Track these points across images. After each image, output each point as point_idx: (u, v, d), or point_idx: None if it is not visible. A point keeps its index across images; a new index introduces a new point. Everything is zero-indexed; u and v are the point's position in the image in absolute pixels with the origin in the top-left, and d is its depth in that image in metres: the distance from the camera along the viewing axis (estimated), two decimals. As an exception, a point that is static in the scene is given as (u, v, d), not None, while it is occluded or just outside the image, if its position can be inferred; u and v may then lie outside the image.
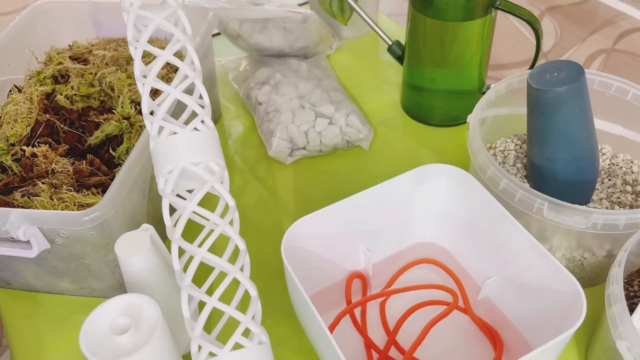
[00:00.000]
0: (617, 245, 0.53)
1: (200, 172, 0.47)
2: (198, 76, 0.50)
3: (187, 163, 0.47)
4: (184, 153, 0.47)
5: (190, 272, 0.45)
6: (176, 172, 0.47)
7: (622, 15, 2.03)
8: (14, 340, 0.59)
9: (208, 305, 0.44)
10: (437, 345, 0.55)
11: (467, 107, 0.70)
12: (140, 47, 0.49)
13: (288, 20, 0.79)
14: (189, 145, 0.47)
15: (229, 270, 0.45)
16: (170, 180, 0.47)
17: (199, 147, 0.47)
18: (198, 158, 0.47)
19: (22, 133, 0.61)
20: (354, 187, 0.57)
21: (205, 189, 0.47)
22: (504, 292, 0.56)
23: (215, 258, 0.45)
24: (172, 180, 0.47)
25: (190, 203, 0.46)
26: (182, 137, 0.47)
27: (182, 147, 0.47)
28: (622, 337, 0.44)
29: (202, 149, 0.47)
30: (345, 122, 0.75)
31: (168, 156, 0.47)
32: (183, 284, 0.45)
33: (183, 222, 0.46)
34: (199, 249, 0.45)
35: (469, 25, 0.70)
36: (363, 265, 0.60)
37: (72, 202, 0.55)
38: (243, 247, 0.47)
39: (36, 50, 0.74)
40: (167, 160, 0.47)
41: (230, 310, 0.44)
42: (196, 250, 0.45)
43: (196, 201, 0.46)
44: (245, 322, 0.44)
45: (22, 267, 0.57)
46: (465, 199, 0.58)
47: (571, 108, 0.54)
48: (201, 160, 0.47)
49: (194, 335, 0.44)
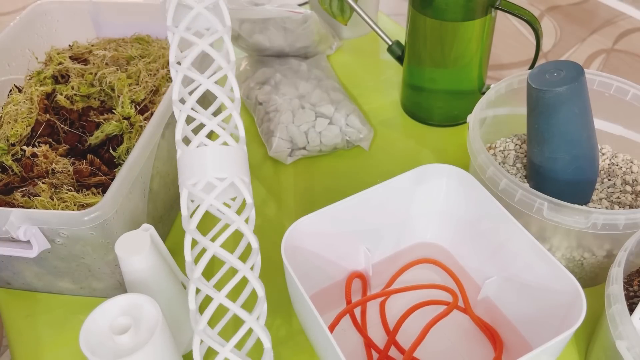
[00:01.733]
0: (617, 245, 0.53)
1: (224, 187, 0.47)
2: (232, 69, 0.50)
3: (213, 178, 0.47)
4: (211, 167, 0.47)
5: (201, 265, 0.45)
6: (200, 185, 0.47)
7: (622, 15, 2.03)
8: (14, 340, 0.59)
9: (215, 301, 0.44)
10: (437, 345, 0.55)
11: (467, 107, 0.70)
12: (178, 33, 0.49)
13: (288, 20, 0.79)
14: (216, 159, 0.47)
15: (240, 268, 0.45)
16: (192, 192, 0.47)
17: (226, 162, 0.47)
18: (224, 174, 0.47)
19: (22, 133, 0.61)
20: (354, 187, 0.57)
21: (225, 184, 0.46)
22: (503, 292, 0.56)
23: (227, 254, 0.45)
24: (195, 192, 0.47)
25: (209, 196, 0.46)
26: (211, 150, 0.47)
27: (210, 160, 0.47)
28: (622, 337, 0.44)
29: (229, 164, 0.47)
30: (345, 122, 0.75)
31: (195, 168, 0.47)
32: (193, 276, 0.45)
33: (200, 213, 0.46)
34: (213, 243, 0.45)
35: (469, 25, 0.70)
36: (363, 265, 0.60)
37: (73, 202, 0.55)
38: (256, 245, 0.47)
39: (36, 50, 0.74)
40: (194, 172, 0.47)
41: (236, 309, 0.44)
42: (209, 244, 0.45)
43: (215, 194, 0.46)
44: (249, 322, 0.44)
45: (22, 267, 0.57)
46: (465, 199, 0.58)
47: (571, 108, 0.54)
48: (227, 176, 0.47)
49: (198, 329, 0.43)
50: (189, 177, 0.47)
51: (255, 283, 0.46)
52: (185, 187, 0.47)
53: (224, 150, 0.48)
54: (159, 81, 0.67)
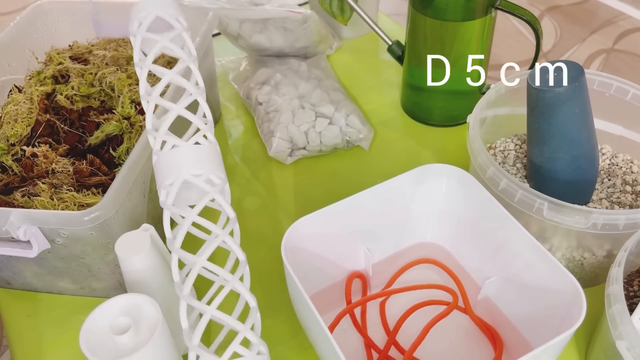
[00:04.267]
0: (617, 245, 0.53)
1: (201, 184, 0.47)
2: (201, 94, 0.51)
3: (189, 175, 0.47)
4: (185, 165, 0.47)
5: (189, 282, 0.45)
6: (177, 184, 0.47)
7: (622, 15, 2.03)
8: (14, 340, 0.59)
9: (206, 315, 0.44)
10: (437, 345, 0.55)
11: (467, 107, 0.70)
12: (145, 67, 0.51)
13: (288, 20, 0.79)
14: (190, 157, 0.47)
15: (228, 280, 0.45)
16: (171, 192, 0.47)
17: (200, 159, 0.48)
18: (199, 170, 0.47)
19: (22, 133, 0.61)
20: (354, 187, 0.57)
21: (206, 200, 0.47)
22: (504, 292, 0.56)
23: (215, 267, 0.45)
24: (173, 192, 0.47)
25: (191, 213, 0.46)
26: (184, 150, 0.48)
27: (184, 159, 0.47)
28: (622, 337, 0.44)
29: (203, 161, 0.48)
30: (345, 122, 0.75)
31: (170, 168, 0.47)
32: (182, 294, 0.45)
33: (183, 232, 0.46)
34: (198, 258, 0.45)
35: (469, 25, 0.70)
36: (363, 265, 0.60)
37: (73, 202, 0.55)
38: (243, 258, 0.47)
39: (36, 50, 0.74)
40: (169, 172, 0.47)
41: (228, 320, 0.44)
42: (195, 260, 0.45)
43: (196, 212, 0.46)
44: (243, 332, 0.44)
45: (22, 267, 0.57)
46: (465, 199, 0.58)
47: (571, 108, 0.54)
48: (202, 172, 0.47)
49: (192, 345, 0.43)
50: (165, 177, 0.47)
51: (245, 293, 0.46)
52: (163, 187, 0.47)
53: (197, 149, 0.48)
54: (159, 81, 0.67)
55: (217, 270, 0.45)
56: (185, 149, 0.48)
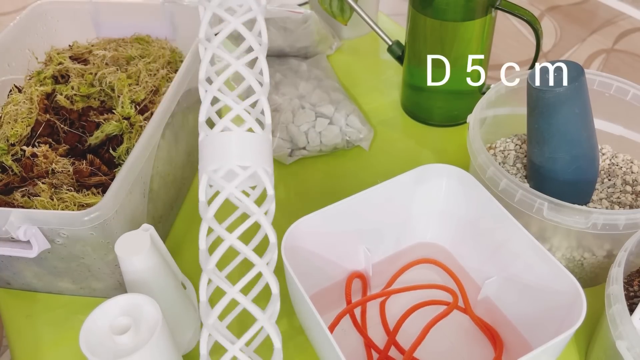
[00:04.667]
0: (617, 245, 0.53)
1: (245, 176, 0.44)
2: (263, 51, 0.47)
3: (235, 166, 0.44)
4: (235, 154, 0.44)
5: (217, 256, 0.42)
6: (222, 172, 0.44)
7: (622, 15, 2.03)
8: (14, 340, 0.59)
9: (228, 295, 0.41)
10: (437, 345, 0.55)
11: (467, 107, 0.70)
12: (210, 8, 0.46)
13: (288, 20, 0.79)
14: (242, 146, 0.44)
15: (257, 263, 0.43)
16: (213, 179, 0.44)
17: (251, 150, 0.45)
18: (247, 162, 0.44)
19: (22, 133, 0.61)
20: (354, 187, 0.57)
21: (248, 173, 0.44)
22: (504, 292, 0.56)
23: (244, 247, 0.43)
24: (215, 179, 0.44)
25: (230, 184, 0.43)
26: (236, 136, 0.44)
27: (235, 147, 0.44)
28: (622, 337, 0.44)
29: (254, 152, 0.45)
30: (345, 122, 0.75)
31: (217, 154, 0.44)
32: (206, 267, 0.42)
33: (219, 202, 0.43)
34: (230, 234, 0.42)
35: (469, 25, 0.70)
36: (363, 265, 0.60)
37: (72, 202, 0.55)
38: (274, 240, 0.45)
39: (36, 50, 0.74)
40: (215, 157, 0.44)
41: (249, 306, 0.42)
42: (227, 235, 0.43)
43: (236, 183, 0.44)
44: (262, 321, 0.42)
45: (22, 267, 0.57)
46: (465, 199, 0.58)
47: (571, 108, 0.54)
48: (250, 165, 0.44)
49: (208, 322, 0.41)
50: (210, 162, 0.44)
51: (270, 279, 0.43)
52: (205, 172, 0.44)
53: (249, 137, 0.45)
54: (159, 81, 0.67)
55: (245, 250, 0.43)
56: (238, 135, 0.44)
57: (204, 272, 0.43)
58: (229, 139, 0.44)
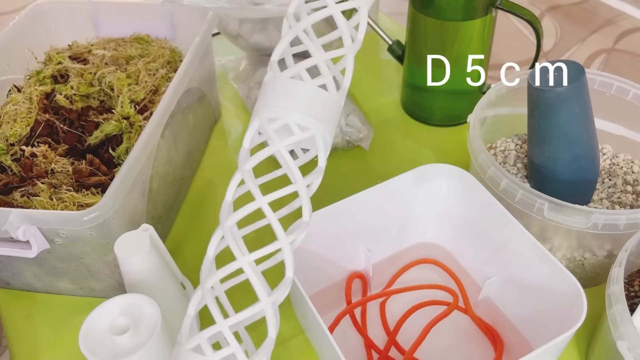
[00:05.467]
0: (618, 245, 0.53)
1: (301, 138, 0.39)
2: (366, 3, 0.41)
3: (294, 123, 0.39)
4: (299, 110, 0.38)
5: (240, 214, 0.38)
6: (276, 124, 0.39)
7: (622, 15, 2.03)
8: (14, 340, 0.59)
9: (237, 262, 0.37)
10: (437, 345, 0.55)
11: (467, 107, 0.70)
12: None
13: (288, 19, 0.79)
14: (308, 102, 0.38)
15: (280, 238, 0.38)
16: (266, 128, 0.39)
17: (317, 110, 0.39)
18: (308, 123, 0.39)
19: (21, 133, 0.61)
20: (354, 187, 0.57)
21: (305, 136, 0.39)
22: (504, 292, 0.56)
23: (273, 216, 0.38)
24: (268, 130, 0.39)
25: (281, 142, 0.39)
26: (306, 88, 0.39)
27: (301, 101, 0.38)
28: (623, 337, 0.44)
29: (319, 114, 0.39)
30: (345, 122, 0.75)
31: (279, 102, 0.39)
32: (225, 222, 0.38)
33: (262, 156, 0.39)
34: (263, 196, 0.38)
35: (470, 25, 0.70)
36: (363, 265, 0.60)
37: (72, 202, 0.55)
38: (307, 218, 0.40)
39: (36, 50, 0.73)
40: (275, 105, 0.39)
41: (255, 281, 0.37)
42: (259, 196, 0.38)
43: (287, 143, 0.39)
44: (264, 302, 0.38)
45: (21, 267, 0.57)
46: (465, 199, 0.58)
47: (572, 108, 0.54)
48: (312, 127, 0.39)
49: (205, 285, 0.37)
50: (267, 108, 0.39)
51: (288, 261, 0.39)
52: (258, 117, 0.39)
53: (319, 95, 0.39)
54: (159, 81, 0.67)
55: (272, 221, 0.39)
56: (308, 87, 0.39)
57: (220, 227, 0.38)
58: (296, 89, 0.39)
